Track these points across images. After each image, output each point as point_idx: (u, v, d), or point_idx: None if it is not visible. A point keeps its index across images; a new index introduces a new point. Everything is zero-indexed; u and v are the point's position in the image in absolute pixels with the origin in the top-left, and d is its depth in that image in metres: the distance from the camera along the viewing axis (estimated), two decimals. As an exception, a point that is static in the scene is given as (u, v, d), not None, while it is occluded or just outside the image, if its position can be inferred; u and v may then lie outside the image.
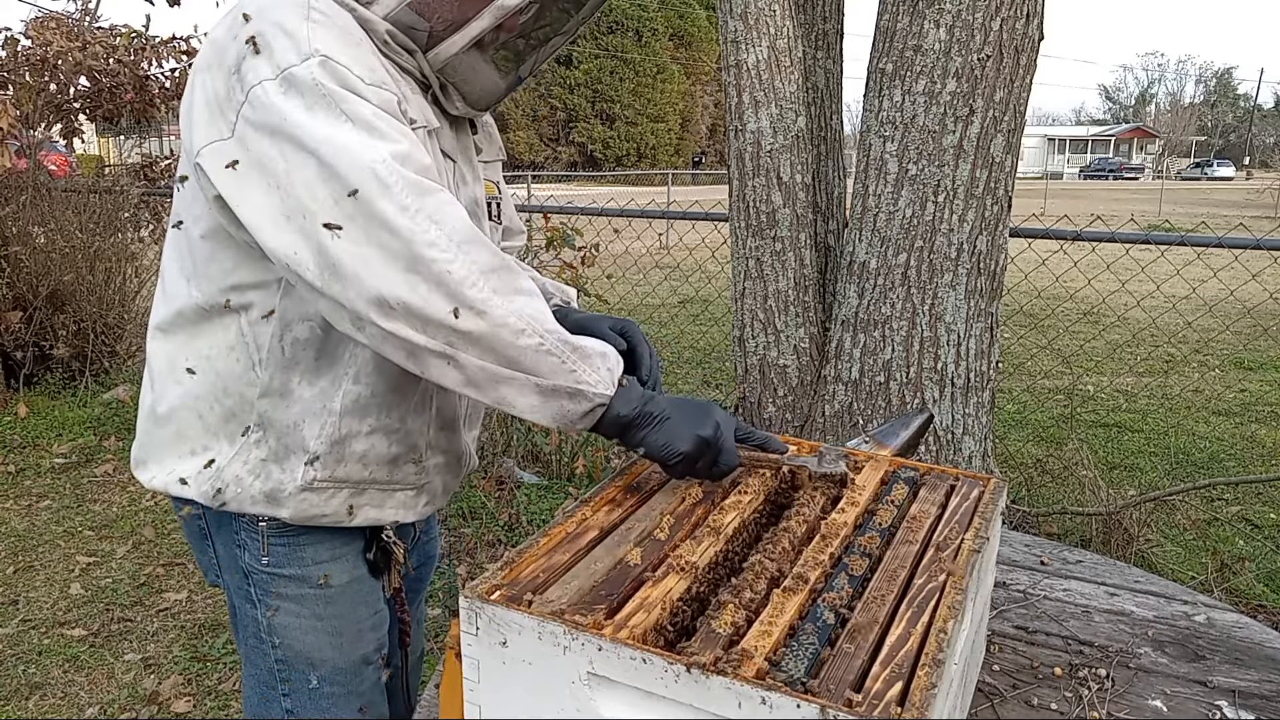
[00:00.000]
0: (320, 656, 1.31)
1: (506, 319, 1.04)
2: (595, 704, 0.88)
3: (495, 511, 3.95)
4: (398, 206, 1.01)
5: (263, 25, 1.06)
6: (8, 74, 5.85)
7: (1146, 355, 7.03)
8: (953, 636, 0.90)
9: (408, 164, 1.04)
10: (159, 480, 1.28)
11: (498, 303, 1.04)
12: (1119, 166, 59.24)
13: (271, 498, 1.23)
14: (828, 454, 1.30)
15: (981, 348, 3.09)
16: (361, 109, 1.05)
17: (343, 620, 1.32)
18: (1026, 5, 2.84)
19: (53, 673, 2.83)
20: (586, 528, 1.10)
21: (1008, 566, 1.73)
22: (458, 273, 1.02)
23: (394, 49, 1.17)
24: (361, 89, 1.06)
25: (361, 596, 1.34)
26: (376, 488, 1.28)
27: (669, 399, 1.18)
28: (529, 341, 1.06)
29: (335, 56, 1.06)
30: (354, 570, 1.32)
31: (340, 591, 1.31)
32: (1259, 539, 3.85)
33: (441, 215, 1.03)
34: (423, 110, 1.20)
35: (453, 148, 1.29)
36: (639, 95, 40.68)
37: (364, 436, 1.23)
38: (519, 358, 1.06)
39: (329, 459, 1.22)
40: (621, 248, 7.00)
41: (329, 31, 1.08)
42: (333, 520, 1.25)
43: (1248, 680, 1.36)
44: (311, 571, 1.29)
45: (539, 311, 1.08)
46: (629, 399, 1.14)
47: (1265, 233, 9.00)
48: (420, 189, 1.03)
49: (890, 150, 3.02)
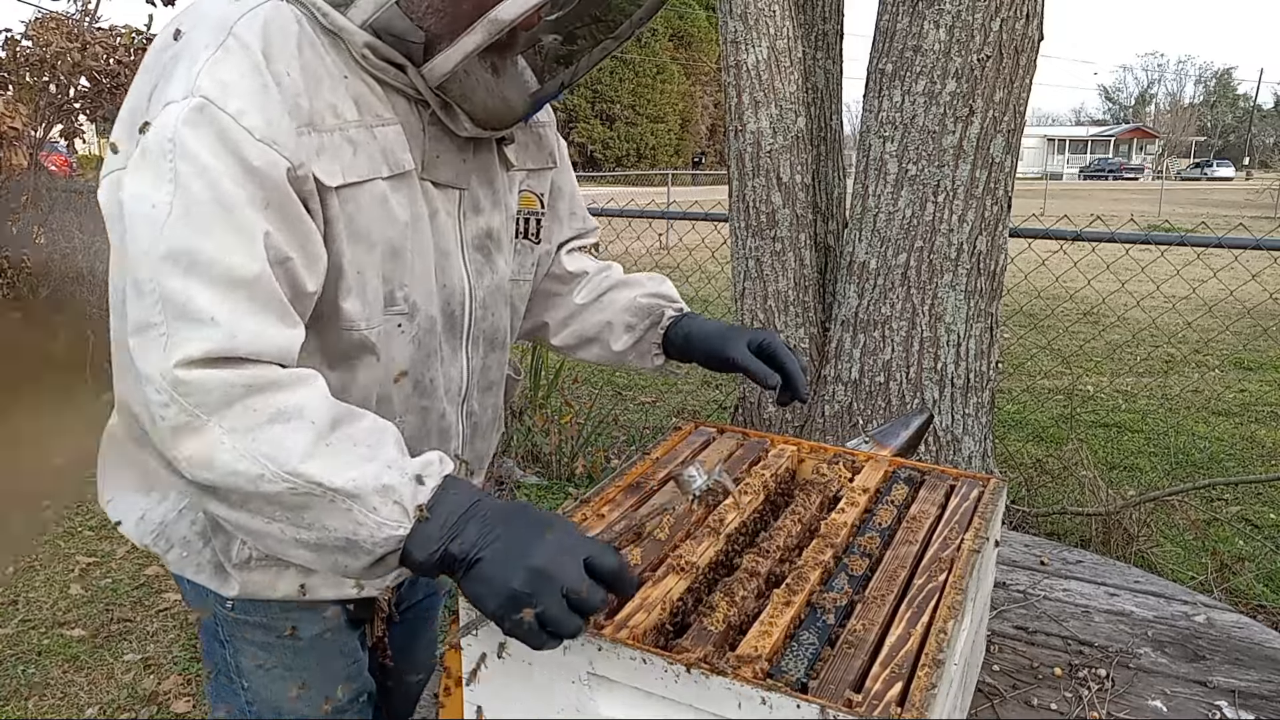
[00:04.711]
0: (289, 707, 1.20)
1: (236, 464, 0.84)
2: (595, 704, 0.88)
3: (495, 512, 3.94)
4: (141, 324, 0.86)
5: (179, 47, 0.94)
6: (8, 74, 5.85)
7: (1146, 355, 7.03)
8: (953, 636, 0.90)
9: (207, 270, 0.85)
10: (115, 509, 1.17)
11: (229, 445, 0.84)
12: (1119, 167, 59.23)
13: (219, 569, 1.12)
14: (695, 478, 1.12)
15: (981, 348, 3.09)
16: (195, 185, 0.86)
17: (311, 672, 1.20)
18: (1026, 5, 2.84)
19: (53, 673, 2.82)
20: (586, 528, 1.10)
21: (1008, 566, 1.73)
22: (171, 418, 0.85)
23: (376, 64, 1.00)
24: (240, 148, 0.88)
25: (335, 648, 1.21)
26: None
27: (495, 517, 0.87)
28: (270, 489, 0.85)
29: (217, 100, 0.88)
30: (328, 622, 1.19)
31: (310, 644, 1.19)
32: (1259, 539, 3.85)
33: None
34: (390, 153, 1.02)
35: (458, 175, 1.11)
36: (639, 95, 40.67)
37: None
38: (265, 508, 0.86)
39: None
40: (621, 248, 7.01)
41: (232, 64, 0.90)
42: (280, 598, 1.13)
43: (1248, 680, 1.36)
44: (278, 621, 1.17)
45: (294, 448, 0.85)
46: (426, 540, 0.86)
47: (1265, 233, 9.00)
48: (183, 314, 0.85)
49: (890, 150, 3.02)
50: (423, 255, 1.08)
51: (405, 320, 1.08)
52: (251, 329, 0.87)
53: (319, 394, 0.90)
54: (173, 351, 0.84)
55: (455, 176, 1.11)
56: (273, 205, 0.90)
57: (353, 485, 0.85)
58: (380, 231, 1.02)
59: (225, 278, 0.86)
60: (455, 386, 1.20)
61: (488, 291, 1.20)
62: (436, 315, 1.12)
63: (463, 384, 1.21)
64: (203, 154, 0.87)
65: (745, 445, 1.39)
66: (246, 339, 0.86)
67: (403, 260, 1.06)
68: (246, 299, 0.87)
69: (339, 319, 1.02)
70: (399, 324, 1.07)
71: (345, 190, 0.97)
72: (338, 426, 0.89)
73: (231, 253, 0.87)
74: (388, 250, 1.03)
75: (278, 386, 0.87)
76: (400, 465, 0.89)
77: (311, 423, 0.87)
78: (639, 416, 5.41)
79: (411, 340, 1.10)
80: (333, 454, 0.87)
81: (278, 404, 0.86)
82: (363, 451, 0.88)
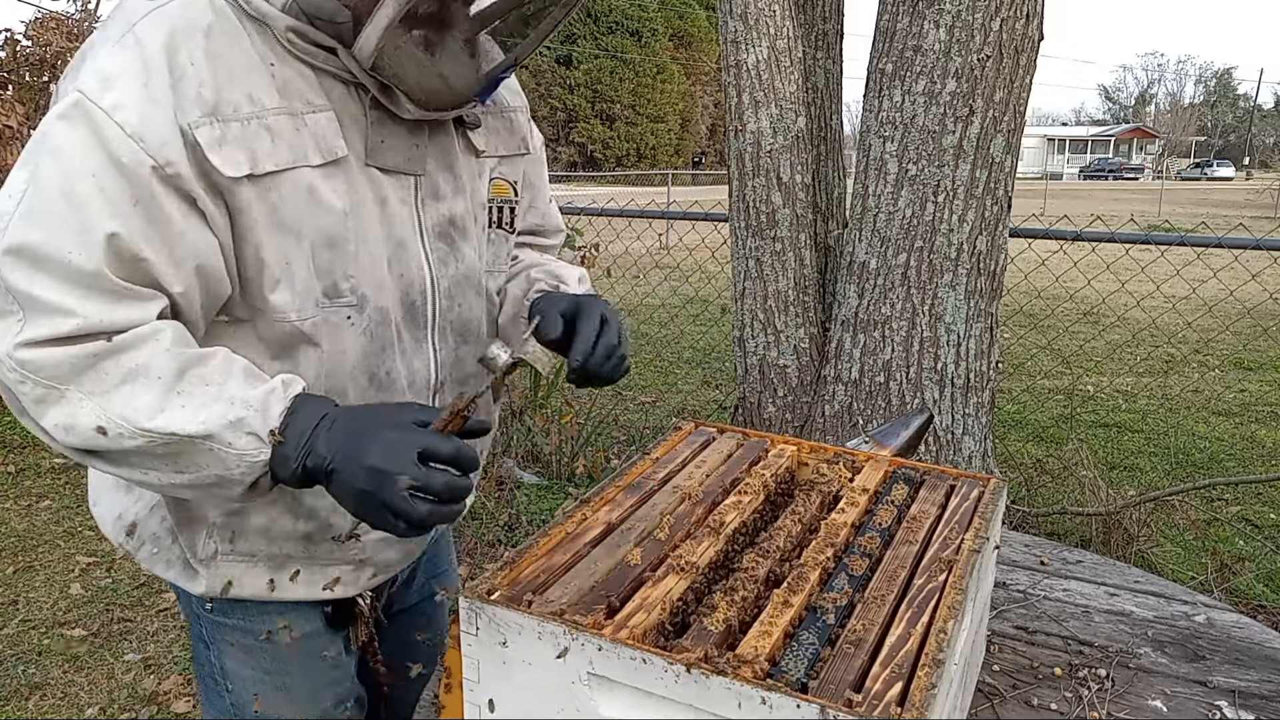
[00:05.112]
0: (272, 710, 1.19)
1: (95, 425, 0.90)
2: (595, 704, 0.88)
3: (495, 511, 3.95)
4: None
5: (90, 42, 0.96)
6: (8, 74, 5.85)
7: (1146, 355, 7.03)
8: (953, 636, 0.90)
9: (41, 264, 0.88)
10: (98, 509, 1.19)
11: (87, 408, 0.90)
12: (1119, 167, 59.22)
13: (186, 566, 1.13)
14: (499, 354, 1.05)
15: (981, 348, 3.09)
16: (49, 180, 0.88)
17: (292, 677, 1.19)
18: (1026, 5, 2.84)
19: (53, 673, 2.82)
20: (586, 528, 1.10)
21: (1008, 566, 1.73)
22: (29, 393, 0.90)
23: (304, 48, 0.98)
24: (109, 145, 0.88)
25: (315, 651, 1.20)
26: (298, 563, 1.14)
27: (340, 427, 0.93)
28: (132, 444, 0.91)
29: (92, 95, 0.89)
30: (305, 625, 1.19)
31: (289, 647, 1.18)
32: (1259, 539, 3.85)
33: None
34: (321, 140, 0.99)
35: (409, 160, 1.07)
36: (639, 95, 40.68)
37: (262, 509, 1.10)
38: (138, 461, 0.93)
39: (225, 530, 1.10)
40: (621, 248, 7.01)
41: (120, 59, 0.91)
42: (249, 596, 1.13)
43: (1248, 680, 1.36)
44: (256, 624, 1.16)
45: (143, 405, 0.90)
46: (284, 460, 0.93)
47: (1265, 233, 9.01)
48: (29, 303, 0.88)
49: (890, 150, 3.02)
50: (370, 245, 1.05)
51: (354, 312, 1.05)
52: (97, 312, 0.90)
53: (162, 348, 0.93)
54: (22, 334, 0.89)
55: (406, 162, 1.07)
56: (140, 202, 0.90)
57: (204, 428, 0.91)
58: (310, 221, 0.99)
59: (67, 273, 0.89)
60: (422, 379, 1.16)
61: (452, 281, 1.15)
62: (391, 306, 1.09)
63: (431, 377, 1.17)
64: (67, 148, 0.89)
65: (745, 445, 1.39)
66: (94, 321, 0.90)
67: (344, 250, 1.02)
68: (89, 289, 0.90)
69: (270, 311, 1.01)
70: (348, 316, 1.05)
71: (265, 179, 0.96)
72: (186, 372, 0.93)
73: (70, 252, 0.88)
74: (322, 240, 1.01)
75: (123, 348, 0.91)
76: (245, 398, 0.93)
77: (158, 378, 0.91)
78: (639, 416, 5.41)
79: (363, 333, 1.07)
80: (184, 400, 0.92)
81: (125, 365, 0.91)
82: (213, 391, 0.93)
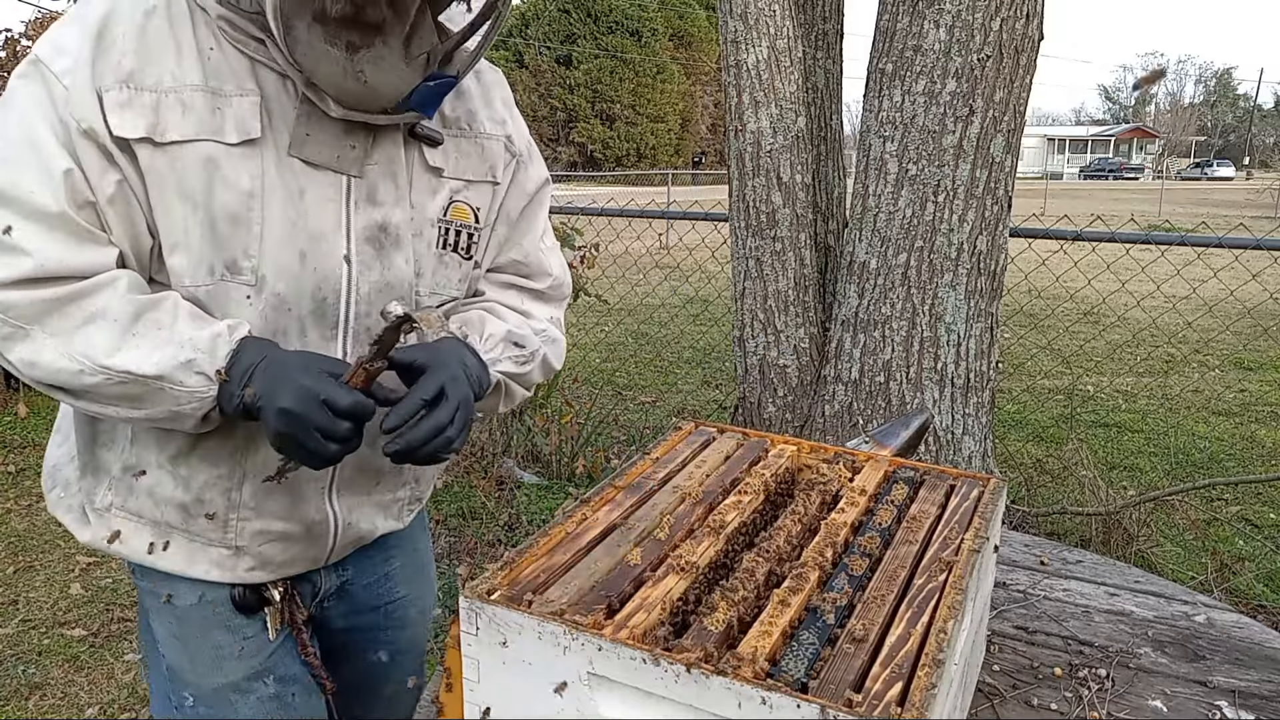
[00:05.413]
0: (184, 677, 1.21)
1: (57, 362, 0.98)
2: (595, 704, 0.88)
3: (495, 511, 3.95)
4: None
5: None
6: (7, 74, 5.85)
7: (1146, 355, 7.03)
8: (953, 636, 0.90)
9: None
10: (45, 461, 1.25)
11: (51, 346, 0.98)
12: (1119, 166, 59.22)
13: (81, 514, 1.16)
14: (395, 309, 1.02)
15: (981, 348, 3.09)
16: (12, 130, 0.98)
17: (195, 643, 1.20)
18: (1026, 5, 2.85)
19: (53, 673, 2.82)
20: (586, 528, 1.10)
21: (1008, 566, 1.73)
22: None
23: (235, 37, 1.03)
24: (55, 101, 0.97)
25: (217, 621, 1.20)
26: (181, 535, 1.15)
27: (271, 370, 1.01)
28: (91, 381, 0.98)
29: (45, 59, 0.99)
30: (206, 594, 1.19)
31: (188, 612, 1.19)
32: (1259, 539, 3.85)
33: None
34: (241, 121, 1.03)
35: (340, 159, 1.08)
36: (639, 95, 40.69)
37: (154, 469, 1.13)
38: (99, 395, 1.00)
39: (122, 485, 1.14)
40: (621, 248, 7.01)
41: (71, 28, 1.00)
42: (130, 557, 1.16)
43: (1248, 680, 1.36)
44: (159, 586, 1.19)
45: (101, 344, 0.98)
46: (229, 396, 1.02)
47: (1265, 233, 9.01)
48: None
49: (890, 150, 3.02)
50: (276, 229, 1.06)
51: (253, 292, 1.07)
52: (58, 255, 0.98)
53: (119, 293, 1.01)
54: None
55: (336, 160, 1.08)
56: (81, 152, 0.99)
57: (157, 368, 0.99)
58: (208, 194, 1.02)
59: (33, 212, 0.97)
60: None
61: (374, 287, 1.13)
62: (291, 294, 1.08)
63: None
64: (26, 102, 0.99)
65: (745, 445, 1.39)
66: (55, 265, 0.98)
67: (247, 229, 1.04)
68: (51, 229, 0.98)
69: (169, 274, 1.05)
70: (246, 295, 1.07)
71: (171, 148, 1.01)
72: (141, 316, 1.00)
73: (33, 191, 0.97)
74: (224, 215, 1.03)
75: (84, 294, 0.99)
76: (194, 340, 1.01)
77: (115, 320, 0.99)
78: (639, 416, 5.41)
79: (259, 314, 1.08)
80: (139, 342, 1.00)
81: (87, 309, 0.99)
82: (165, 334, 1.01)
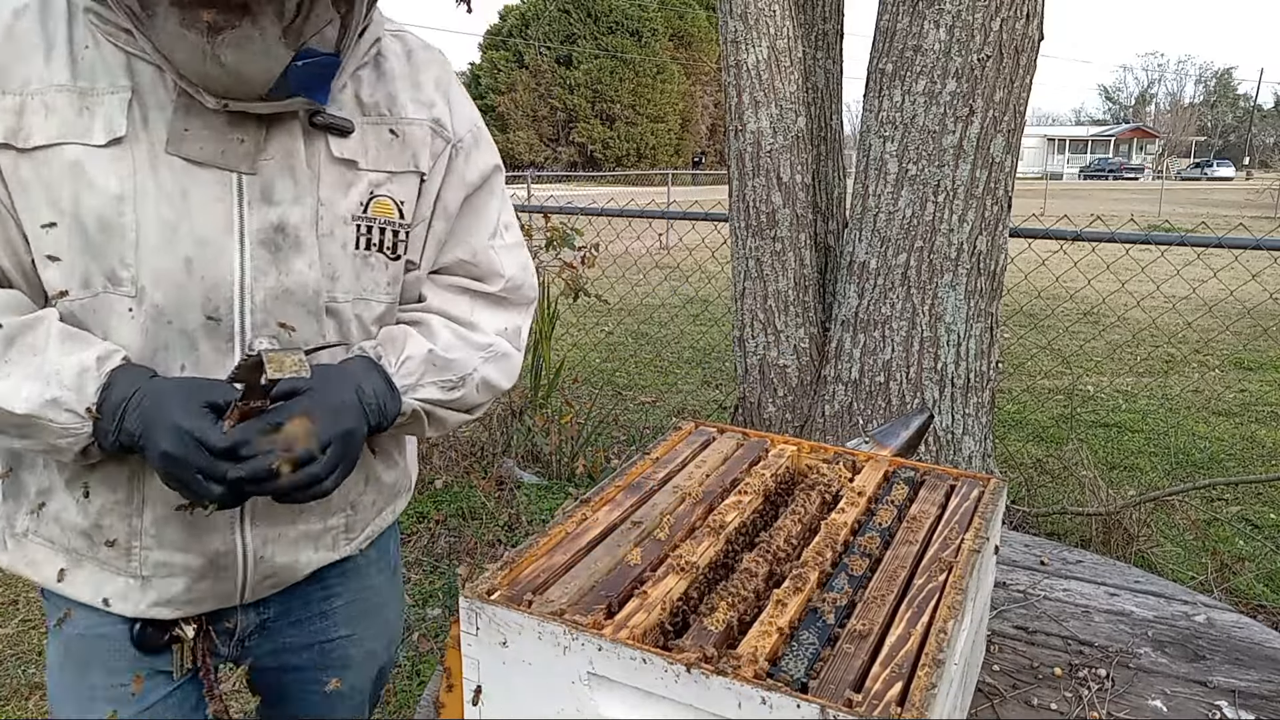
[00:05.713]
0: (55, 701, 1.17)
1: None
2: (595, 704, 0.88)
3: (495, 511, 3.95)
4: None
5: None
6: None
7: (1146, 355, 7.03)
8: (953, 636, 0.90)
9: None
10: None
11: None
12: (1119, 167, 59.22)
13: (2, 537, 1.12)
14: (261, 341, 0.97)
15: (981, 348, 3.09)
16: None
17: (72, 675, 1.15)
18: (1026, 5, 2.85)
19: (53, 673, 2.83)
20: (586, 528, 1.10)
21: (1008, 566, 1.73)
22: None
23: (105, 29, 0.98)
24: None
25: (98, 658, 1.13)
26: (90, 562, 1.09)
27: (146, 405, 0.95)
28: None
29: None
30: (98, 627, 1.12)
31: (74, 641, 1.13)
32: (1259, 539, 3.85)
33: None
34: (109, 120, 0.97)
35: (224, 155, 1.01)
36: (639, 95, 40.69)
37: (59, 493, 1.08)
38: None
39: (36, 510, 1.09)
40: (621, 248, 7.01)
41: None
42: (43, 583, 1.11)
43: (1248, 680, 1.36)
44: (57, 610, 1.14)
45: None
46: (103, 434, 0.97)
47: (1265, 233, 9.01)
48: None
49: (890, 150, 3.02)
50: (152, 235, 0.99)
51: (134, 304, 1.00)
52: None
53: None
54: None
55: (220, 155, 1.01)
56: None
57: (26, 407, 0.95)
58: (75, 200, 0.97)
59: None
60: None
61: (270, 294, 1.05)
62: (174, 305, 1.01)
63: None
64: None
65: (745, 445, 1.39)
66: None
67: (120, 236, 0.98)
68: None
69: (44, 286, 1.00)
70: (129, 308, 1.00)
71: (36, 153, 0.96)
72: (13, 343, 0.96)
73: None
74: (95, 222, 0.97)
75: None
76: (60, 376, 0.96)
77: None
78: (639, 416, 5.41)
79: (141, 329, 1.01)
80: (11, 370, 0.95)
81: None
82: (38, 361, 0.96)
